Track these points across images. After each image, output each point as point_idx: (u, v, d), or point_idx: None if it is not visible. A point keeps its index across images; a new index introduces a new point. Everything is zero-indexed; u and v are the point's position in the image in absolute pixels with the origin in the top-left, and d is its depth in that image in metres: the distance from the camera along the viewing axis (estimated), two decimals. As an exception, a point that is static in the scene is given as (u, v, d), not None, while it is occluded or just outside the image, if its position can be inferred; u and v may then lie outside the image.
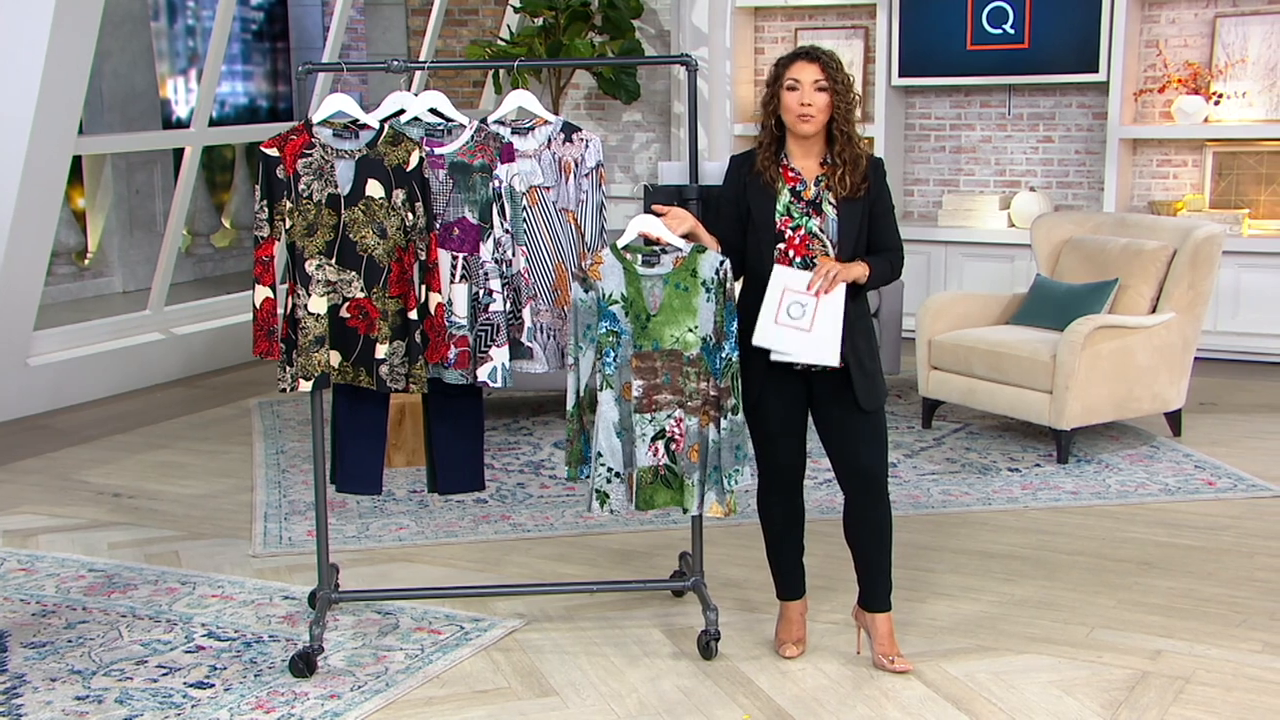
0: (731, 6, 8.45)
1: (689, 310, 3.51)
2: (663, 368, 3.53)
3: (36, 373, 6.56)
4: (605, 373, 3.53)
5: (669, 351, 3.52)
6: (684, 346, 3.52)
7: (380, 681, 3.57)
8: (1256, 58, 7.38)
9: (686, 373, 3.52)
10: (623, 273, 3.53)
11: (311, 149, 3.60)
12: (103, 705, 3.45)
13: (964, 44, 7.81)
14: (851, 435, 3.53)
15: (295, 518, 4.92)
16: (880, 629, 3.62)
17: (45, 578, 4.37)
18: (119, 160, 9.42)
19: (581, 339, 3.56)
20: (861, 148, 3.50)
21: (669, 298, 3.52)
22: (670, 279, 3.52)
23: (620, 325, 3.53)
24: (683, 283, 3.52)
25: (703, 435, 3.53)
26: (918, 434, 5.93)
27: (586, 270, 3.55)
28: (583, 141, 3.74)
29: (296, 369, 3.65)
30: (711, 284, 3.51)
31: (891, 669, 3.58)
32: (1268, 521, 4.77)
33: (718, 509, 3.58)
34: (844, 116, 3.46)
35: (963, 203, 7.94)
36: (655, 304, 3.52)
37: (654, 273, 3.52)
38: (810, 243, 3.48)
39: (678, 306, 3.52)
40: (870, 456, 3.54)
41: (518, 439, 5.94)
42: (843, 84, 3.45)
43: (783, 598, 3.74)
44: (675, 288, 3.52)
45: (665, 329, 3.52)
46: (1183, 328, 5.67)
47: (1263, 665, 3.63)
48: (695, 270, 3.52)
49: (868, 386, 3.50)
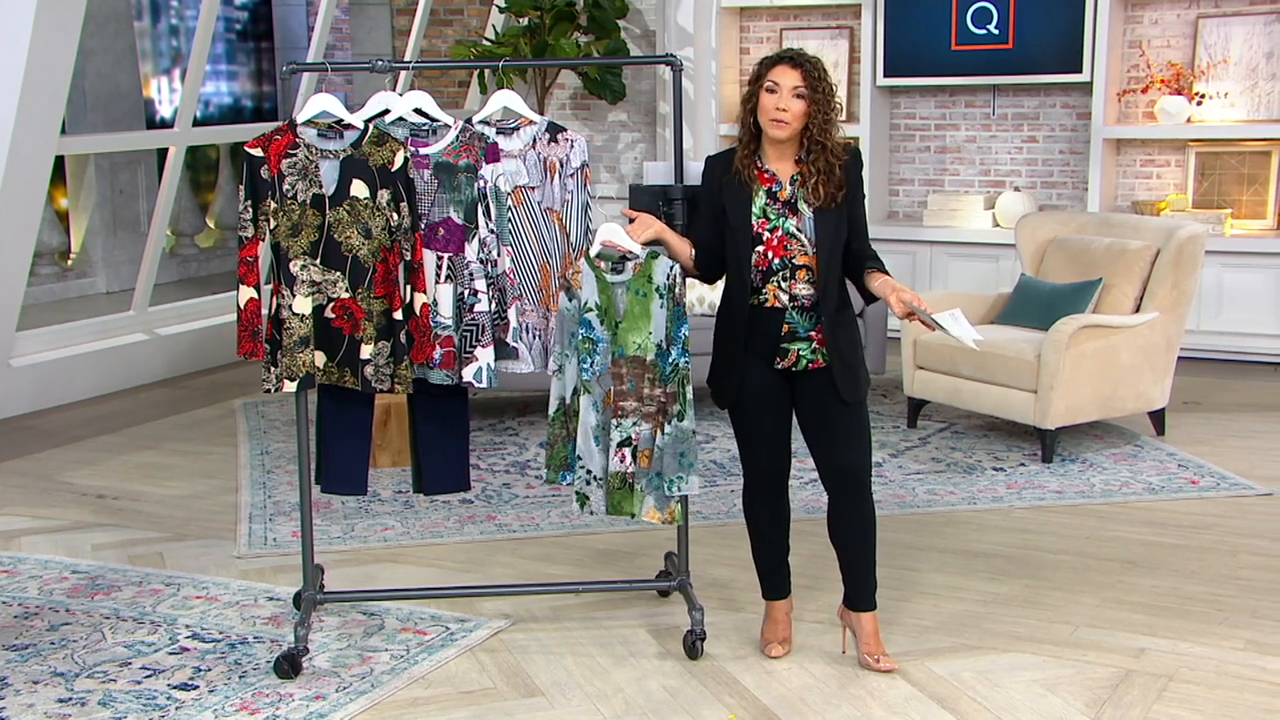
0: (717, 7, 8.45)
1: (646, 315, 3.57)
2: (628, 374, 3.58)
3: (19, 374, 6.53)
4: (583, 379, 3.57)
5: (633, 358, 3.57)
6: (644, 352, 3.57)
7: (365, 682, 3.56)
8: (1238, 58, 7.41)
9: (647, 379, 3.57)
10: (595, 281, 3.58)
11: (296, 149, 3.59)
12: (86, 707, 3.44)
13: (948, 44, 7.83)
14: (833, 434, 3.54)
15: (280, 519, 4.91)
16: (865, 628, 3.63)
17: (28, 579, 4.35)
18: (102, 160, 9.39)
19: (566, 346, 3.61)
20: (838, 155, 3.44)
21: (630, 304, 3.57)
22: (631, 285, 3.57)
23: (596, 333, 3.58)
24: (641, 289, 3.57)
25: (652, 441, 3.58)
26: (903, 433, 5.94)
27: (570, 279, 3.59)
28: (568, 141, 3.73)
29: (281, 369, 3.64)
30: (664, 290, 3.56)
31: (877, 668, 3.59)
32: (1250, 520, 4.80)
33: (655, 514, 3.60)
34: (820, 126, 3.42)
35: (947, 203, 7.96)
36: (621, 311, 3.58)
37: (620, 279, 3.58)
38: (788, 243, 3.47)
39: (638, 313, 3.57)
40: (852, 455, 3.54)
41: (503, 439, 5.94)
42: (823, 94, 3.41)
43: (768, 597, 3.74)
44: (635, 294, 3.57)
45: (629, 335, 3.57)
46: (1166, 327, 5.70)
47: (1245, 663, 3.65)
48: (650, 276, 3.57)
49: (849, 378, 3.51)
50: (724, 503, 5.03)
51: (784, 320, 3.49)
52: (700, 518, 4.80)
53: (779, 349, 3.50)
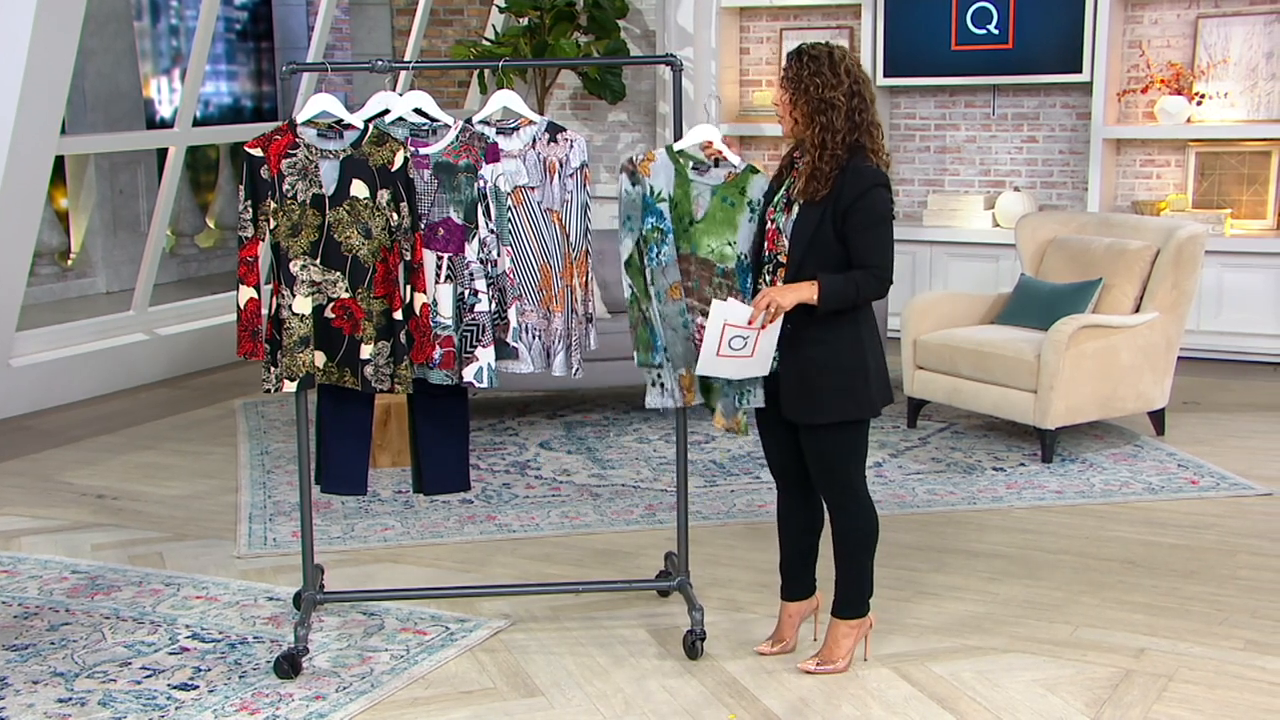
0: (717, 6, 8.45)
1: (731, 225, 3.56)
2: (695, 273, 3.58)
3: (19, 374, 6.53)
4: (651, 267, 3.58)
5: (703, 260, 3.57)
6: (719, 259, 3.56)
7: (365, 682, 3.56)
8: (1238, 58, 7.41)
9: (718, 284, 3.56)
10: (673, 173, 3.59)
11: (296, 149, 3.59)
12: (86, 708, 3.44)
13: (949, 44, 7.83)
14: (804, 448, 3.48)
15: (280, 519, 4.91)
16: (829, 630, 3.61)
17: (28, 579, 4.35)
18: (102, 160, 9.39)
19: (622, 227, 3.63)
20: (838, 159, 3.30)
21: (714, 208, 3.57)
22: (719, 190, 3.57)
23: (666, 223, 3.58)
24: (730, 197, 3.57)
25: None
26: (903, 434, 5.94)
27: (636, 165, 3.60)
28: (567, 142, 3.73)
29: (281, 369, 3.64)
30: (757, 205, 3.56)
31: (801, 664, 3.57)
32: (1250, 520, 4.80)
33: (721, 421, 3.61)
34: (805, 119, 3.32)
35: (947, 203, 7.96)
36: (700, 211, 3.58)
37: (704, 180, 3.58)
38: (777, 238, 3.45)
39: (720, 219, 3.56)
40: (819, 479, 3.49)
41: (503, 439, 5.94)
42: (803, 88, 3.29)
43: (781, 597, 3.74)
44: (722, 200, 3.57)
45: (704, 238, 3.57)
46: (1166, 327, 5.70)
47: (1245, 663, 3.65)
48: (745, 189, 3.57)
49: (797, 398, 3.40)
50: (724, 503, 5.03)
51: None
52: (700, 518, 4.80)
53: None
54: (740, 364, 3.43)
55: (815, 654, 3.61)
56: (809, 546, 3.67)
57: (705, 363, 3.44)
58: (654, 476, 5.36)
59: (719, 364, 3.42)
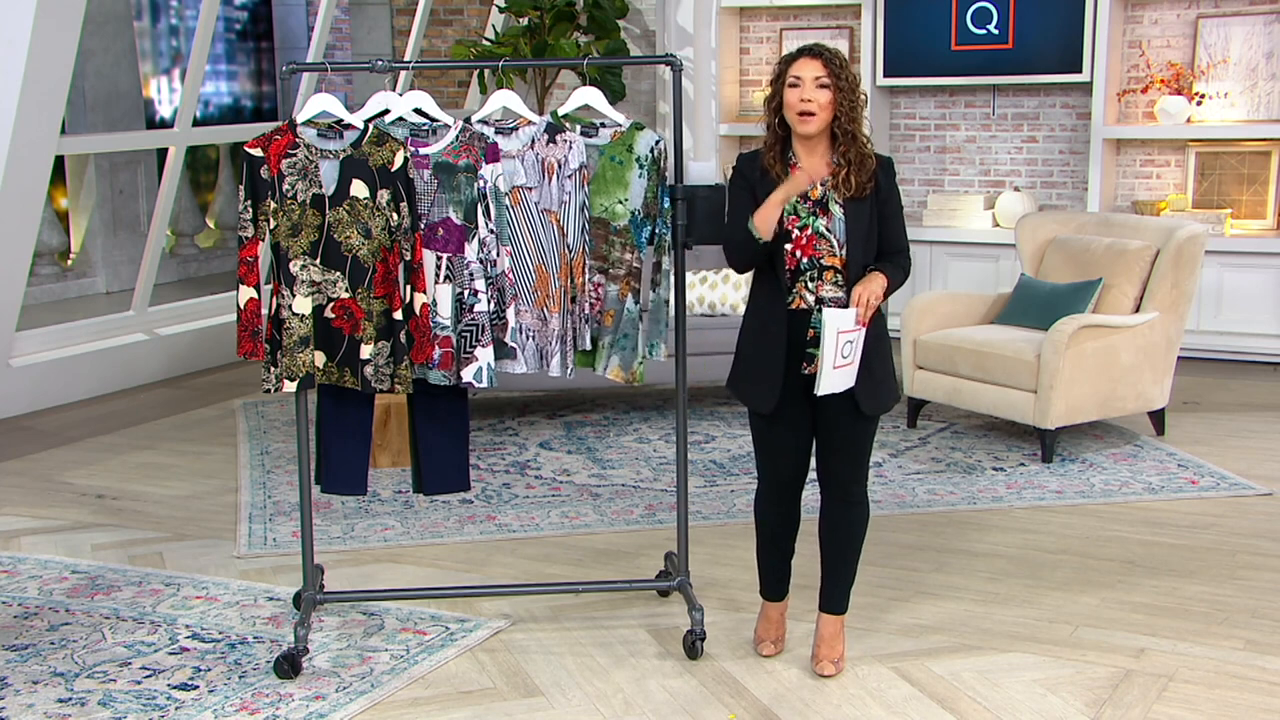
0: (716, 6, 8.45)
1: (620, 183, 3.69)
2: (590, 232, 3.71)
3: (19, 374, 6.53)
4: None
5: (596, 219, 3.71)
6: (611, 217, 3.70)
7: (365, 682, 3.56)
8: (1238, 58, 7.41)
9: (612, 241, 3.70)
10: None
11: (296, 149, 3.59)
12: (86, 708, 3.44)
13: (948, 44, 7.83)
14: (836, 442, 3.50)
15: (280, 519, 4.91)
16: (824, 629, 3.61)
17: (28, 579, 4.35)
18: (102, 160, 9.39)
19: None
20: (868, 147, 3.42)
21: (602, 168, 3.69)
22: (606, 150, 3.70)
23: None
24: (618, 156, 3.70)
25: (621, 303, 3.71)
26: (903, 433, 5.94)
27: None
28: (566, 143, 3.73)
29: (281, 369, 3.64)
30: (645, 161, 3.69)
31: (818, 670, 3.56)
32: (1250, 520, 4.80)
33: (619, 374, 3.73)
34: (847, 115, 3.38)
35: (947, 202, 7.96)
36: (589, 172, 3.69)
37: (592, 143, 3.70)
38: (817, 242, 3.41)
39: (610, 178, 3.69)
40: (847, 467, 3.51)
41: (503, 439, 5.94)
42: (847, 81, 3.37)
43: (766, 597, 3.74)
44: (610, 160, 3.70)
45: (595, 198, 3.70)
46: (1166, 327, 5.70)
47: (1245, 663, 3.65)
48: (631, 146, 3.69)
49: (871, 391, 3.45)
50: (724, 503, 5.03)
51: (809, 324, 3.41)
52: (700, 518, 4.80)
53: (805, 354, 3.43)
54: (848, 371, 3.37)
55: (826, 656, 3.60)
56: (793, 546, 3.71)
57: (826, 379, 3.34)
58: (654, 476, 5.36)
59: (835, 377, 3.35)
